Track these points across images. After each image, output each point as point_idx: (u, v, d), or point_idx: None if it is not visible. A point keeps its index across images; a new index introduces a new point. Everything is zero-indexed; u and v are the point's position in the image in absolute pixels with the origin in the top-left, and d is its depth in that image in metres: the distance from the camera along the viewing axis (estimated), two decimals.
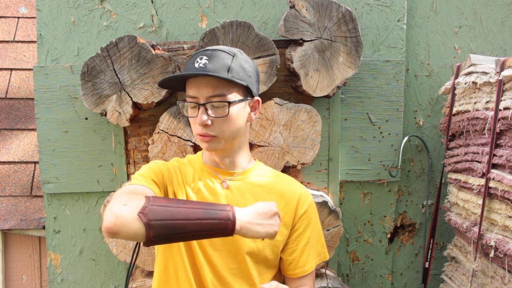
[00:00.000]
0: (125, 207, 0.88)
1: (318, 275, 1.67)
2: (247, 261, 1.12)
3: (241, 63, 1.08)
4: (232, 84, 1.06)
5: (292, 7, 1.56)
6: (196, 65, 1.05)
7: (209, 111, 1.05)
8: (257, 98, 1.14)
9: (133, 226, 0.86)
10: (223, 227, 0.93)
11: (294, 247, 1.17)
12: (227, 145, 1.12)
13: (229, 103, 1.05)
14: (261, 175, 1.21)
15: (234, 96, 1.07)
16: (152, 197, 0.94)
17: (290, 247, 1.18)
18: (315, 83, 1.58)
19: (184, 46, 1.63)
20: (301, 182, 1.75)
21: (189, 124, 1.56)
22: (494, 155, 1.38)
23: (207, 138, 1.07)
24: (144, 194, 0.97)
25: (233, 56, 1.07)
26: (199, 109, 1.05)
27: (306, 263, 1.17)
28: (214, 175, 1.17)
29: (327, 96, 1.66)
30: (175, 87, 1.16)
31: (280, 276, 1.24)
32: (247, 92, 1.11)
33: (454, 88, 1.66)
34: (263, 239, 1.05)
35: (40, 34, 1.69)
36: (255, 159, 1.26)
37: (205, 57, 1.05)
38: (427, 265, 1.81)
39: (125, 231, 0.86)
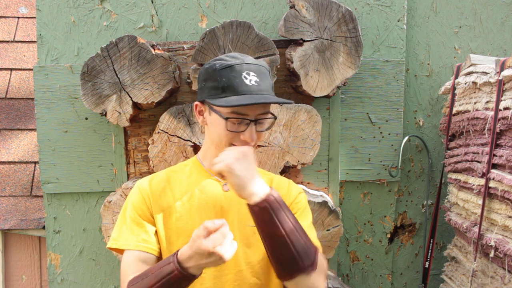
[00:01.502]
0: None
1: None
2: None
3: (270, 77, 1.12)
4: None
5: (292, 7, 1.56)
6: (247, 81, 1.04)
7: (258, 126, 1.08)
8: None
9: None
10: (176, 278, 0.96)
11: None
12: None
13: (275, 118, 1.11)
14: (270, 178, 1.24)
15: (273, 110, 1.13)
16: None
17: None
18: (315, 83, 1.58)
19: (184, 46, 1.63)
20: (301, 182, 1.75)
21: (189, 124, 1.56)
22: (494, 155, 1.38)
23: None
24: (142, 264, 1.08)
25: (268, 71, 1.11)
26: (247, 124, 1.06)
27: None
28: (215, 178, 1.18)
29: (327, 96, 1.65)
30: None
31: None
32: None
33: (454, 88, 1.66)
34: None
35: (40, 34, 1.69)
36: None
37: (252, 74, 1.05)
38: (427, 265, 1.81)
39: None
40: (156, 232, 1.13)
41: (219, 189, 1.17)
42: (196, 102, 1.15)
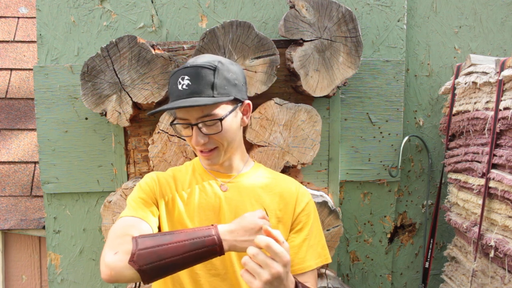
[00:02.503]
0: (116, 257, 0.92)
1: (318, 275, 1.67)
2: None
3: (224, 75, 1.07)
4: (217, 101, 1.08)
5: (292, 7, 1.56)
6: (179, 86, 1.05)
7: (203, 129, 1.07)
8: (247, 102, 1.15)
9: (128, 274, 0.92)
10: (211, 253, 0.95)
11: (291, 245, 1.17)
12: (229, 154, 1.16)
13: (221, 119, 1.06)
14: (260, 176, 1.23)
15: (223, 109, 1.07)
16: (139, 239, 0.95)
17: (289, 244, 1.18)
18: (315, 83, 1.58)
19: (184, 46, 1.63)
20: (301, 182, 1.75)
21: None
22: (494, 155, 1.38)
23: (207, 154, 1.10)
24: (137, 229, 1.02)
25: (214, 70, 1.05)
26: (192, 129, 1.07)
27: (304, 260, 1.16)
28: (214, 178, 1.19)
29: (327, 96, 1.65)
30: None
31: None
32: (235, 100, 1.11)
33: (454, 88, 1.66)
34: None
35: (40, 34, 1.69)
36: (253, 161, 1.28)
37: (187, 77, 1.05)
38: (427, 265, 1.81)
39: (122, 279, 0.92)
40: (159, 217, 1.14)
41: (217, 189, 1.17)
42: None
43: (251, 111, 1.18)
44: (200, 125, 1.06)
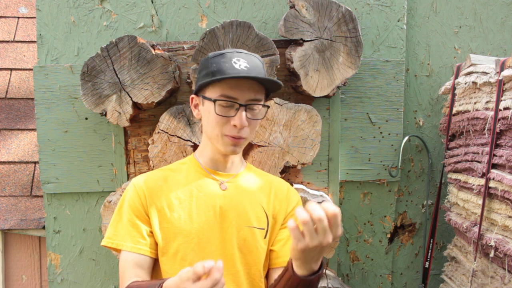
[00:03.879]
0: None
1: None
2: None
3: (265, 71, 1.12)
4: (263, 89, 1.09)
5: (292, 7, 1.56)
6: (237, 66, 1.05)
7: (248, 114, 1.07)
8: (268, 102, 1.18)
9: None
10: None
11: (279, 238, 1.19)
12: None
13: (268, 107, 1.10)
14: (254, 177, 1.24)
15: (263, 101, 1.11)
16: None
17: (276, 239, 1.19)
18: (315, 83, 1.58)
19: (184, 46, 1.63)
20: (301, 182, 1.75)
21: (189, 124, 1.56)
22: (494, 155, 1.38)
23: (238, 141, 1.08)
24: (133, 270, 1.08)
25: (262, 64, 1.11)
26: (237, 109, 1.05)
27: (288, 254, 1.16)
28: (212, 177, 1.17)
29: (327, 96, 1.65)
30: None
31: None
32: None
33: (454, 88, 1.66)
34: None
35: (40, 34, 1.69)
36: (245, 161, 1.29)
37: (243, 60, 1.06)
38: (427, 265, 1.81)
39: None
40: (151, 232, 1.12)
41: (217, 188, 1.16)
42: (192, 96, 1.15)
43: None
44: (254, 107, 1.08)
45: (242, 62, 1.05)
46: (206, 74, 1.08)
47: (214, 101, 1.05)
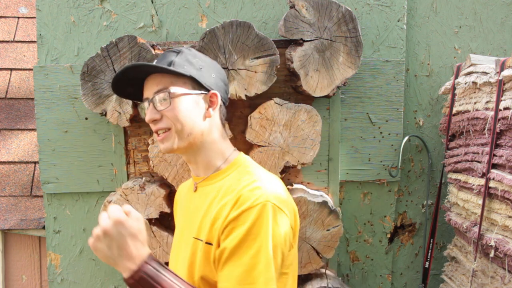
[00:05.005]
0: None
1: (318, 275, 1.67)
2: None
3: (187, 58, 1.08)
4: (176, 78, 1.06)
5: (292, 7, 1.56)
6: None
7: (157, 106, 1.05)
8: (213, 91, 1.09)
9: None
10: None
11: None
12: (186, 143, 1.06)
13: (169, 92, 1.03)
14: (228, 176, 1.08)
15: (178, 89, 1.05)
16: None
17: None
18: (315, 83, 1.58)
19: (184, 46, 1.63)
20: (301, 182, 1.75)
21: None
22: (494, 155, 1.38)
23: (162, 136, 1.06)
24: None
25: (178, 53, 1.09)
26: (149, 106, 1.07)
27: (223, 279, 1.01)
28: (193, 181, 1.18)
29: (327, 96, 1.65)
30: (139, 97, 1.15)
31: None
32: (198, 86, 1.08)
33: (454, 88, 1.66)
34: None
35: (40, 34, 1.69)
36: (242, 157, 1.14)
37: (156, 60, 1.10)
38: (427, 265, 1.81)
39: None
40: None
41: (191, 191, 1.17)
42: None
43: (218, 104, 1.10)
44: (154, 100, 1.05)
45: (155, 61, 1.10)
46: None
47: (136, 106, 1.14)
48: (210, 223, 1.01)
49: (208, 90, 1.09)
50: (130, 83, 1.11)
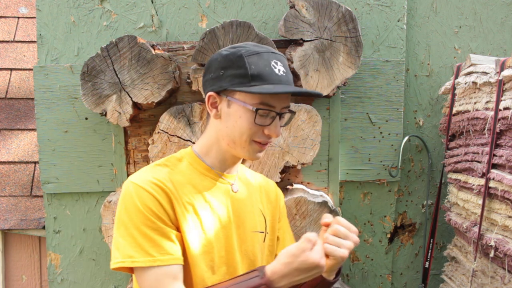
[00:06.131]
0: None
1: None
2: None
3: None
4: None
5: (292, 7, 1.56)
6: (276, 71, 0.98)
7: (282, 123, 1.04)
8: None
9: None
10: None
11: (281, 231, 1.20)
12: None
13: (294, 113, 1.06)
14: (249, 176, 1.19)
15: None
16: None
17: (279, 235, 1.21)
18: (315, 83, 1.58)
19: (184, 46, 1.63)
20: (301, 182, 1.75)
21: (189, 124, 1.56)
22: (494, 155, 1.38)
23: (265, 147, 1.04)
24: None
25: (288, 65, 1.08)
26: (272, 118, 0.99)
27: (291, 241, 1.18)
28: (222, 179, 1.07)
29: (327, 96, 1.65)
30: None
31: None
32: None
33: (454, 88, 1.66)
34: None
35: (40, 34, 1.69)
36: None
37: (279, 63, 1.00)
38: (427, 265, 1.81)
39: None
40: (177, 236, 0.97)
41: (228, 190, 1.07)
42: (210, 93, 1.01)
43: None
44: (285, 116, 1.05)
45: (280, 66, 0.99)
46: (240, 75, 0.96)
47: (256, 110, 0.96)
48: (270, 215, 1.17)
49: None
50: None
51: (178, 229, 0.97)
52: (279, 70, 0.97)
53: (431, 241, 1.80)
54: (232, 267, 1.05)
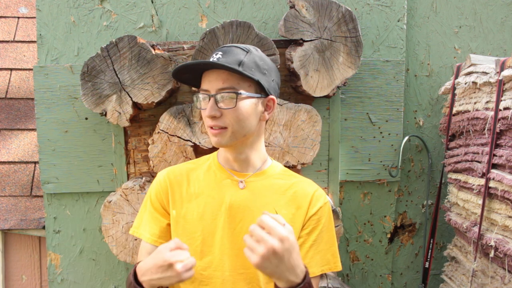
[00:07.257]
0: None
1: None
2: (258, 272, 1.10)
3: (255, 59, 1.08)
4: (242, 79, 1.06)
5: (292, 7, 1.56)
6: (211, 59, 1.07)
7: (219, 104, 1.05)
8: (271, 96, 1.12)
9: None
10: None
11: (300, 247, 1.12)
12: (238, 141, 1.09)
13: (237, 94, 1.04)
14: (277, 177, 1.18)
15: (244, 92, 1.06)
16: None
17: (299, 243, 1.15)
18: (315, 83, 1.58)
19: (184, 46, 1.63)
20: None
21: (189, 124, 1.56)
22: (494, 155, 1.38)
23: (216, 131, 1.07)
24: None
25: (247, 52, 1.08)
26: (209, 100, 1.06)
27: (308, 266, 1.08)
28: (230, 175, 1.15)
29: (327, 96, 1.66)
30: (191, 82, 1.17)
31: None
32: (260, 89, 1.09)
33: (454, 88, 1.66)
34: None
35: (40, 34, 1.69)
36: (272, 159, 1.23)
37: (220, 52, 1.08)
38: (427, 265, 1.81)
39: None
40: (169, 225, 1.17)
41: (234, 187, 1.14)
42: None
43: (274, 109, 1.14)
44: (218, 97, 1.05)
45: (219, 55, 1.07)
46: None
47: (194, 95, 1.10)
48: (289, 220, 1.11)
49: (267, 94, 1.11)
50: (189, 70, 1.11)
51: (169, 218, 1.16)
52: (213, 58, 1.07)
53: (431, 241, 1.80)
54: (213, 257, 1.11)
